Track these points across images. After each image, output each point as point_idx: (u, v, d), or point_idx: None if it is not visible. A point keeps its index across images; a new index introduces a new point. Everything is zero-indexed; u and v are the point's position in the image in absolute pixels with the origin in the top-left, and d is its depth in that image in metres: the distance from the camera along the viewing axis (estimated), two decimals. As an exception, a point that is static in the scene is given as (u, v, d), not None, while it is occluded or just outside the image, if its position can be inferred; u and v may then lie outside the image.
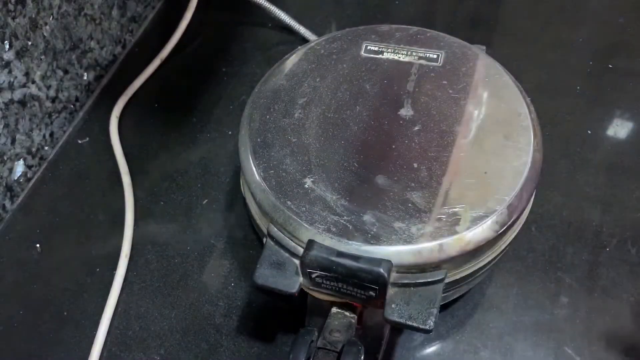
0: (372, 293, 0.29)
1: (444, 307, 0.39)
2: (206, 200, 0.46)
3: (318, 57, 0.39)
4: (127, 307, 0.40)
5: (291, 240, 0.31)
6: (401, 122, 0.35)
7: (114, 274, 0.41)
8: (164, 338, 0.39)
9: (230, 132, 0.51)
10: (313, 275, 0.29)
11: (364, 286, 0.29)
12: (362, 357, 0.30)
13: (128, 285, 0.41)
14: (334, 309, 0.33)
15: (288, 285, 0.30)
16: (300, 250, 0.30)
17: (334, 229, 0.30)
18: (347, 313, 0.32)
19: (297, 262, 0.30)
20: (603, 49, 0.55)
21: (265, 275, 0.30)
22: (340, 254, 0.28)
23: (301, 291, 0.32)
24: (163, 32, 0.59)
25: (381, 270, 0.27)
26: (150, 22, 0.62)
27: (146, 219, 0.45)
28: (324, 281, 0.30)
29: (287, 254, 0.31)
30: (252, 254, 0.42)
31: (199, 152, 0.49)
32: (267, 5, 0.57)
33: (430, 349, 0.37)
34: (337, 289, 0.30)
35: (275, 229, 0.31)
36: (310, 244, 0.29)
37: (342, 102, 0.36)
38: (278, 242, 0.31)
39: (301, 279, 0.30)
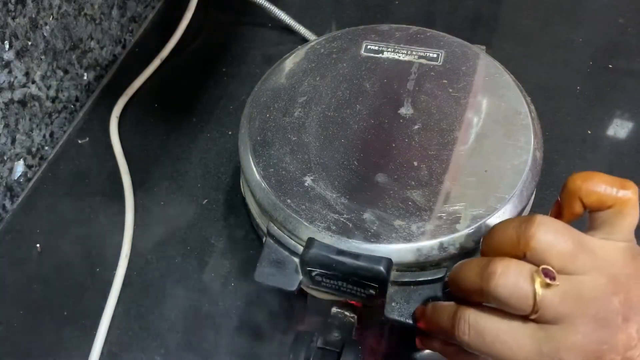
0: (372, 291, 0.29)
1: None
2: (206, 200, 0.46)
3: (318, 56, 0.39)
4: (127, 307, 0.40)
5: (291, 238, 0.31)
6: (401, 120, 0.35)
7: (114, 274, 0.41)
8: (164, 338, 0.39)
9: (230, 132, 0.50)
10: (313, 274, 0.29)
11: (363, 284, 0.29)
12: (362, 357, 0.30)
13: (128, 285, 0.41)
14: (334, 309, 0.33)
15: (288, 283, 0.30)
16: (300, 249, 0.30)
17: (333, 227, 0.30)
18: (347, 313, 0.32)
19: (296, 260, 0.30)
20: (603, 49, 0.55)
21: (265, 274, 0.30)
22: (340, 252, 0.28)
23: (301, 291, 0.32)
24: (163, 32, 0.59)
25: (381, 268, 0.27)
26: (150, 22, 0.62)
27: (146, 219, 0.45)
28: (324, 279, 0.30)
29: (286, 252, 0.31)
30: (252, 254, 0.42)
31: (199, 152, 0.49)
32: (267, 5, 0.57)
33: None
34: (336, 287, 0.30)
35: (275, 228, 0.31)
36: (310, 242, 0.29)
37: (342, 100, 0.36)
38: (278, 241, 0.31)
39: (301, 277, 0.30)
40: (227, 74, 0.55)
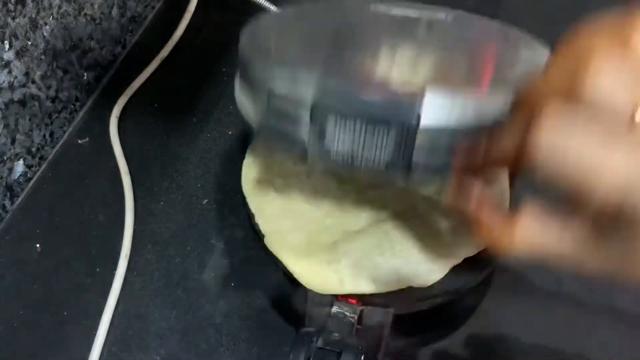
0: (393, 148, 0.25)
1: (443, 307, 0.39)
2: (206, 200, 0.46)
3: (322, 7, 0.38)
4: (127, 307, 0.40)
5: (298, 89, 0.27)
6: (414, 36, 0.35)
7: (114, 274, 0.41)
8: (164, 338, 0.39)
9: (230, 132, 0.51)
10: (327, 124, 0.26)
11: (385, 140, 0.25)
12: (362, 358, 0.30)
13: (128, 285, 0.41)
14: (334, 309, 0.33)
15: (294, 142, 0.27)
16: (309, 102, 0.26)
17: (353, 74, 0.27)
18: (347, 313, 0.32)
19: (306, 115, 0.26)
20: (603, 49, 0.55)
21: (270, 129, 0.28)
22: (363, 87, 0.25)
23: (301, 290, 0.32)
24: (163, 32, 0.59)
25: (411, 104, 0.24)
26: (150, 22, 0.62)
27: (146, 219, 0.45)
28: (338, 138, 0.26)
29: (294, 106, 0.27)
30: (252, 254, 0.42)
31: (199, 152, 0.49)
32: (267, 5, 0.57)
33: (431, 349, 0.37)
34: (351, 152, 0.26)
35: (280, 82, 0.27)
36: (326, 83, 0.26)
37: (343, 32, 0.35)
38: (284, 97, 0.27)
39: (309, 136, 0.26)
40: (227, 74, 0.55)
